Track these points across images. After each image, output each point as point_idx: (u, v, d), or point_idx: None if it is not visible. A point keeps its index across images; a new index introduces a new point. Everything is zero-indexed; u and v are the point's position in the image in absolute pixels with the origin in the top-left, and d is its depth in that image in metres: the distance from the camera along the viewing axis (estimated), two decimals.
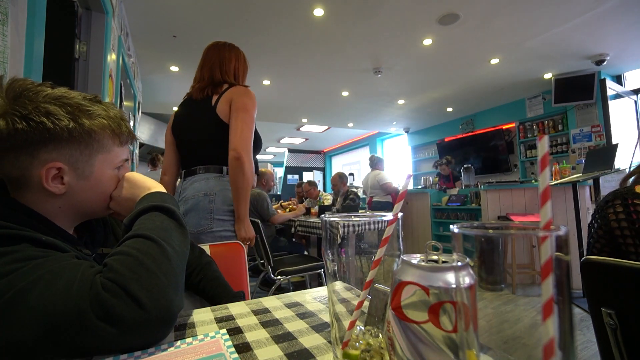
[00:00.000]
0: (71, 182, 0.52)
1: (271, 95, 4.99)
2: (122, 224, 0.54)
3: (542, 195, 0.22)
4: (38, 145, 0.48)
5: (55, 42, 1.58)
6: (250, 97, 1.25)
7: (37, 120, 0.46)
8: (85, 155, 0.52)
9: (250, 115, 1.22)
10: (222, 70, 1.32)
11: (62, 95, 0.50)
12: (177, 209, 0.56)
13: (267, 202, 3.03)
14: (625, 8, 2.77)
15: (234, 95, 1.24)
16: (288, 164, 9.98)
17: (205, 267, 0.81)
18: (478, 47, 3.48)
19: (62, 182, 0.51)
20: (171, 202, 0.57)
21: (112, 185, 0.58)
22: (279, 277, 2.23)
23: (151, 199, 0.56)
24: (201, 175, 1.23)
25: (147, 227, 0.49)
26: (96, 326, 0.37)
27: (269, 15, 2.86)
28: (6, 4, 0.85)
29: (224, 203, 1.22)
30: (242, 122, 1.19)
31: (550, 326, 0.20)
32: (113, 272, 0.42)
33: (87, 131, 0.51)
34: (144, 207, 0.53)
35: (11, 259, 0.40)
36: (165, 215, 0.53)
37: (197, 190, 1.21)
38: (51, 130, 0.47)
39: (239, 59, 1.38)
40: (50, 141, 0.48)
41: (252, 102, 1.25)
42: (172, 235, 0.51)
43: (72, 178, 0.51)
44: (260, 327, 0.48)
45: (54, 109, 0.48)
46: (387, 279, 0.32)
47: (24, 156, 0.48)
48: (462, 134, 6.18)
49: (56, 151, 0.49)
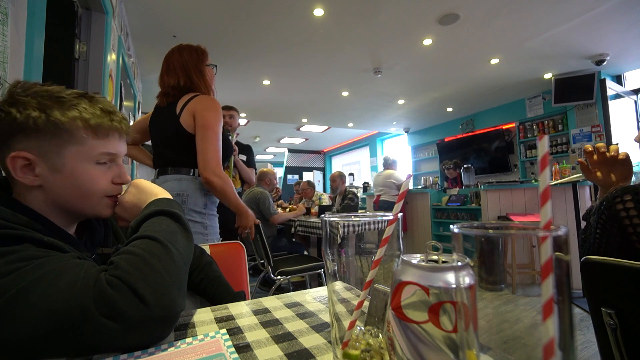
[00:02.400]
0: (44, 174, 0.51)
1: (271, 95, 4.99)
2: (129, 227, 0.54)
3: (542, 195, 0.22)
4: (9, 135, 0.49)
5: (55, 42, 1.58)
6: (215, 109, 1.23)
7: (5, 110, 0.48)
8: (54, 146, 0.51)
9: (215, 132, 1.21)
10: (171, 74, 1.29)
11: (45, 89, 0.51)
12: (183, 214, 0.57)
13: (270, 201, 3.03)
14: (625, 8, 2.77)
15: (198, 107, 1.21)
16: (288, 164, 9.98)
17: (206, 267, 0.81)
18: (478, 47, 3.48)
19: (33, 175, 0.51)
20: (177, 207, 0.58)
21: (91, 180, 0.55)
22: (279, 277, 2.22)
23: (158, 204, 0.57)
24: (173, 175, 1.25)
25: (154, 229, 0.50)
26: (99, 323, 0.38)
27: (269, 15, 2.86)
28: (6, 4, 0.85)
29: (196, 205, 1.25)
30: (208, 142, 1.19)
31: (550, 326, 0.20)
32: (119, 269, 0.42)
33: (52, 121, 0.50)
34: (152, 211, 0.55)
35: (13, 258, 0.40)
36: (171, 220, 0.55)
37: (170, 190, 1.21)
38: (17, 120, 0.48)
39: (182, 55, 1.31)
40: (19, 131, 0.49)
41: (217, 114, 1.23)
42: (178, 239, 0.52)
43: (44, 170, 0.51)
44: (260, 327, 0.48)
45: (25, 100, 0.49)
46: (387, 279, 0.32)
47: (4, 148, 0.49)
48: (462, 134, 6.18)
49: (26, 141, 0.49)
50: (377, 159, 8.28)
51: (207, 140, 1.19)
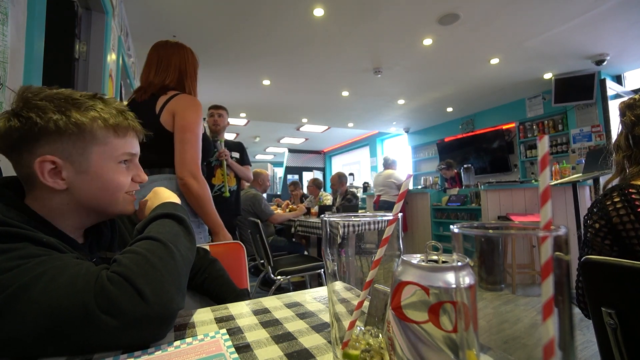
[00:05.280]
0: (71, 177, 0.52)
1: (271, 95, 4.99)
2: (135, 229, 0.55)
3: (542, 195, 0.22)
4: (32, 140, 0.49)
5: (55, 42, 1.58)
6: (195, 109, 1.19)
7: (25, 115, 0.48)
8: (79, 148, 0.52)
9: (195, 134, 1.17)
10: (161, 72, 1.24)
11: (56, 92, 0.51)
12: (187, 218, 0.59)
13: (264, 202, 3.03)
14: (625, 8, 2.77)
15: (178, 108, 1.17)
16: (288, 164, 9.98)
17: (209, 267, 0.81)
18: (478, 47, 3.48)
19: (61, 178, 0.51)
20: (182, 211, 0.60)
21: (117, 179, 0.56)
22: (279, 277, 2.22)
23: (164, 207, 0.59)
24: (161, 175, 1.20)
25: (158, 231, 0.52)
26: (99, 319, 0.38)
27: (269, 15, 2.86)
28: (6, 4, 0.85)
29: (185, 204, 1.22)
30: (187, 144, 1.16)
31: (550, 326, 0.20)
32: (122, 266, 0.43)
33: (74, 123, 0.50)
34: (157, 214, 0.57)
35: (12, 256, 0.41)
36: (175, 222, 0.56)
37: None
38: (39, 125, 0.48)
39: (182, 55, 1.28)
40: (41, 136, 0.49)
41: (197, 116, 1.19)
42: (180, 240, 0.53)
43: (70, 173, 0.52)
44: (260, 327, 0.48)
45: (42, 104, 0.49)
46: (387, 279, 0.32)
47: (25, 154, 0.49)
48: (462, 134, 6.17)
49: (49, 145, 0.50)
50: (377, 159, 8.28)
51: (188, 143, 1.15)
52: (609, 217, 0.73)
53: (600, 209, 0.76)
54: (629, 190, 0.72)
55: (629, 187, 0.73)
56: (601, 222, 0.74)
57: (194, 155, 1.17)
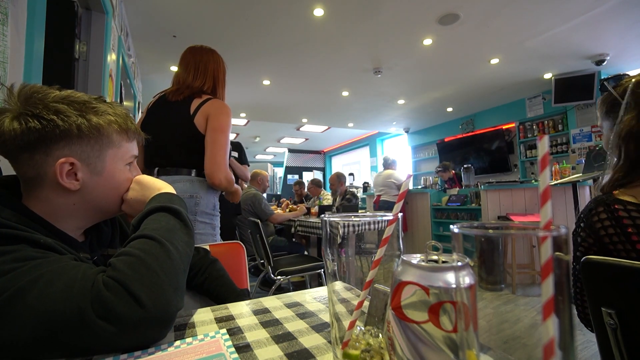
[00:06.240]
0: (85, 178, 0.53)
1: (271, 95, 4.99)
2: (131, 225, 0.55)
3: (542, 195, 0.22)
4: (50, 142, 0.49)
5: (55, 42, 1.58)
6: (227, 114, 1.28)
7: (47, 118, 0.48)
8: (96, 151, 0.54)
9: (226, 136, 1.26)
10: (200, 76, 1.33)
11: (69, 95, 0.52)
12: (183, 210, 0.58)
13: (264, 202, 3.03)
14: (625, 8, 2.77)
15: (212, 111, 1.25)
16: (288, 164, 9.98)
17: (209, 267, 0.81)
18: (478, 47, 3.48)
19: (76, 178, 0.52)
20: (178, 202, 0.58)
21: (124, 182, 0.59)
22: (279, 277, 2.22)
23: (159, 199, 0.58)
24: (184, 176, 1.24)
25: (152, 227, 0.51)
26: (95, 325, 0.37)
27: (269, 15, 2.86)
28: (6, 4, 0.85)
29: (207, 206, 1.27)
30: (218, 145, 1.22)
31: (550, 326, 0.20)
32: (116, 271, 0.42)
33: (95, 127, 0.52)
34: (152, 207, 0.55)
35: (9, 258, 0.40)
36: (171, 216, 0.55)
37: (182, 191, 1.22)
38: (61, 127, 0.49)
39: (217, 63, 1.40)
40: (62, 138, 0.50)
41: (229, 119, 1.28)
42: (177, 236, 0.52)
43: (85, 174, 0.53)
44: (260, 327, 0.48)
45: (63, 107, 0.50)
46: (387, 279, 0.32)
47: (39, 155, 0.49)
48: (462, 134, 6.18)
49: (68, 147, 0.51)
50: (377, 159, 8.27)
51: (218, 144, 1.22)
52: (598, 235, 0.72)
53: (587, 225, 0.74)
54: (614, 206, 0.71)
55: (615, 202, 0.71)
56: (589, 241, 0.73)
57: (224, 157, 1.24)
